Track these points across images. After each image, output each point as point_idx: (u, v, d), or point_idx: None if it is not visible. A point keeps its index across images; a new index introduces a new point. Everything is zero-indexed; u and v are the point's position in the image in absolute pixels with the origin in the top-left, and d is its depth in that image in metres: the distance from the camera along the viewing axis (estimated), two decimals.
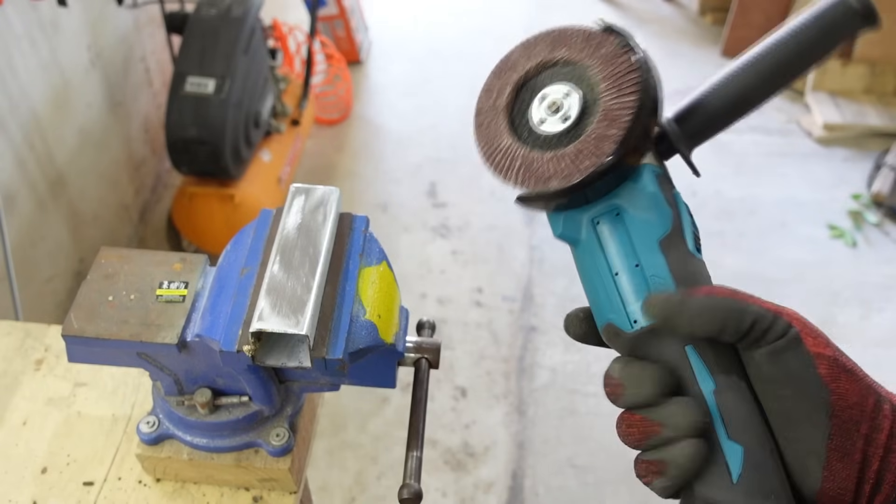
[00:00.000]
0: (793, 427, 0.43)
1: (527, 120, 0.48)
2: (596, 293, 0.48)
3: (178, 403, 0.66)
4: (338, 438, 1.99)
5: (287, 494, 0.69)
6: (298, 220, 0.62)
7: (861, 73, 3.08)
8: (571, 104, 0.46)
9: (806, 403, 0.42)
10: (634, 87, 0.44)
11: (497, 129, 0.48)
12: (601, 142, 0.44)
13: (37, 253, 1.90)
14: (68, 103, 2.01)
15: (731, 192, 2.77)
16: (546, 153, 0.46)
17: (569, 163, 0.45)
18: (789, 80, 0.47)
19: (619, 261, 0.47)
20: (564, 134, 0.46)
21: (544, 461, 1.96)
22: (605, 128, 0.44)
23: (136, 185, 2.47)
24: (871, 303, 2.39)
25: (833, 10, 0.45)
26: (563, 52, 0.47)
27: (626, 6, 3.86)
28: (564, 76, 0.47)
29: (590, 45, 0.47)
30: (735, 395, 0.44)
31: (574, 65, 0.47)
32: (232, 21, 2.11)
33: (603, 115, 0.44)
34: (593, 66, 0.46)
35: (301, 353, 0.57)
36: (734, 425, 0.43)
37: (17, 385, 0.79)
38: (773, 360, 0.43)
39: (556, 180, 0.45)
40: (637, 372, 0.45)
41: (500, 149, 0.48)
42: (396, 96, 3.25)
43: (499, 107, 0.49)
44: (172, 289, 0.63)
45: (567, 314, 0.51)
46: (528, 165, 0.46)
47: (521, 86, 0.49)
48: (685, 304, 0.43)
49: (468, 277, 2.44)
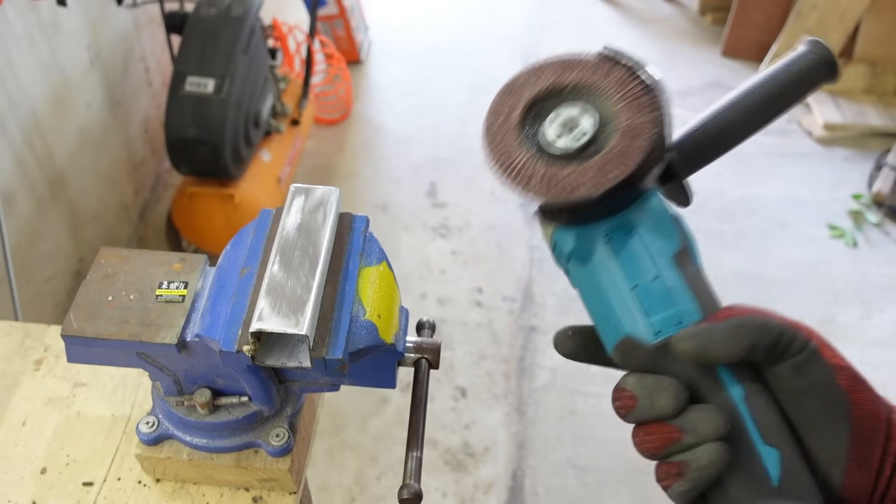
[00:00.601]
0: (817, 436, 0.44)
1: (540, 138, 0.48)
2: (610, 309, 0.48)
3: (177, 403, 0.66)
4: (338, 438, 1.99)
5: (287, 495, 0.69)
6: (298, 220, 0.62)
7: (861, 73, 3.08)
8: (586, 123, 0.47)
9: (828, 413, 0.44)
10: (653, 106, 0.46)
11: (511, 144, 0.49)
12: (625, 154, 0.45)
13: (36, 253, 1.90)
14: (68, 103, 2.01)
15: (731, 192, 2.76)
16: (566, 167, 0.47)
17: (595, 173, 0.45)
18: (770, 118, 0.50)
19: (638, 273, 0.47)
20: (580, 150, 0.47)
21: (544, 461, 1.96)
22: (630, 141, 0.45)
23: (136, 184, 2.47)
24: (871, 303, 2.39)
25: (803, 59, 0.50)
26: (573, 75, 0.48)
27: (627, 6, 3.86)
28: (576, 97, 0.48)
29: (601, 70, 0.48)
30: (766, 400, 0.45)
31: (586, 87, 0.48)
32: (232, 21, 2.10)
33: (624, 131, 0.46)
34: (607, 89, 0.47)
35: (301, 353, 0.57)
36: (768, 429, 0.44)
37: (16, 385, 0.79)
38: (797, 373, 0.44)
39: (584, 189, 0.45)
40: (653, 384, 0.44)
41: (519, 162, 0.48)
42: (396, 96, 3.25)
43: (511, 124, 0.49)
44: (172, 289, 0.63)
45: (555, 333, 0.52)
46: (551, 177, 0.47)
47: (531, 105, 0.49)
48: (714, 333, 0.43)
49: (468, 277, 2.44)
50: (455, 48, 3.55)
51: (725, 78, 3.33)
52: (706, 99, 3.19)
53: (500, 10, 3.84)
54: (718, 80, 3.32)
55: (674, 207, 0.50)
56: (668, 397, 0.43)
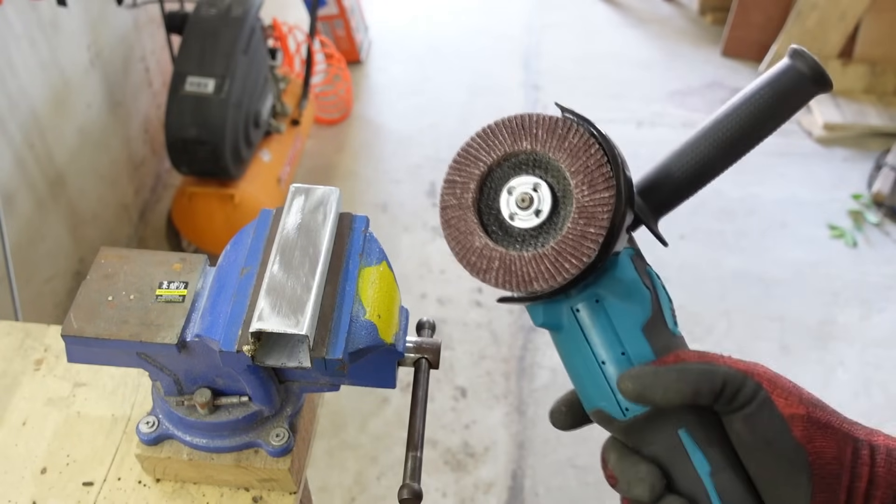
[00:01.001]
0: (776, 490, 0.44)
1: (497, 214, 0.46)
2: (582, 381, 0.48)
3: (177, 403, 0.66)
4: (338, 438, 1.99)
5: (287, 495, 0.69)
6: (298, 220, 0.62)
7: (861, 73, 3.08)
8: (543, 197, 0.45)
9: (784, 467, 0.43)
10: (608, 181, 0.43)
11: (467, 227, 0.46)
12: (581, 241, 0.43)
13: (36, 253, 1.90)
14: (68, 103, 2.01)
15: (731, 191, 2.76)
16: (523, 251, 0.45)
17: (550, 265, 0.43)
18: (747, 149, 0.47)
19: (604, 350, 0.46)
20: (539, 228, 0.45)
21: (544, 461, 1.96)
22: (584, 226, 0.43)
23: (136, 184, 2.47)
24: (871, 303, 2.39)
25: (784, 76, 0.46)
26: (526, 144, 0.45)
27: (626, 6, 3.86)
28: (530, 167, 0.45)
29: (554, 136, 0.44)
30: (730, 475, 0.44)
31: (539, 156, 0.45)
32: (232, 21, 2.10)
33: (579, 212, 0.43)
34: (561, 159, 0.44)
35: (301, 353, 0.57)
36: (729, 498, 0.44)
37: (16, 385, 0.79)
38: (749, 427, 0.43)
39: (539, 283, 0.44)
40: (631, 471, 0.45)
41: (474, 249, 0.46)
42: (396, 96, 3.25)
43: (465, 203, 0.47)
44: (172, 289, 0.63)
45: (550, 410, 0.52)
46: (507, 267, 0.45)
47: (485, 178, 0.47)
48: (658, 376, 0.44)
49: (468, 277, 2.44)
50: (455, 48, 3.55)
51: (725, 78, 3.33)
52: (706, 99, 3.20)
53: (500, 10, 3.84)
54: (718, 80, 3.32)
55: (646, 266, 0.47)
56: (643, 489, 0.44)
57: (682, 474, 0.45)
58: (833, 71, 3.08)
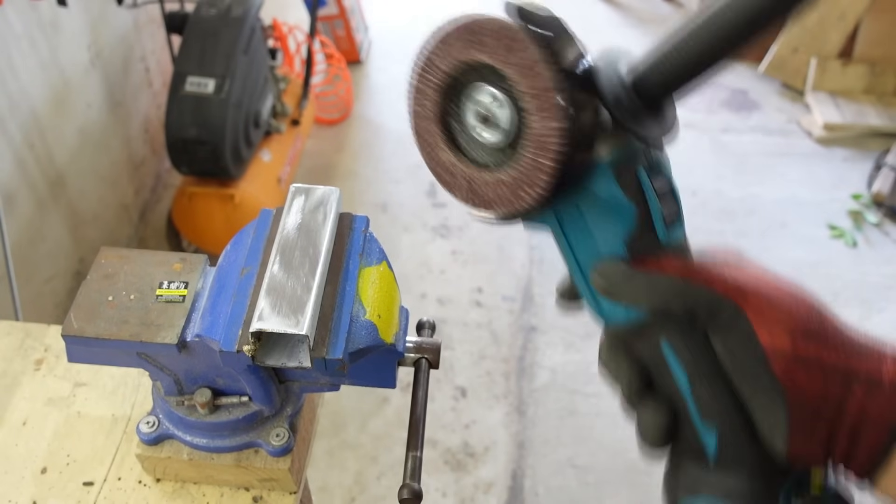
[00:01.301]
0: (755, 414, 0.43)
1: (463, 124, 0.44)
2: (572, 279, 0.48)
3: (177, 403, 0.66)
4: (338, 438, 1.99)
5: (287, 494, 0.69)
6: (298, 220, 0.62)
7: (861, 73, 3.08)
8: (501, 115, 0.41)
9: (761, 399, 0.42)
10: (559, 109, 0.38)
11: (435, 139, 0.45)
12: (534, 171, 0.40)
13: (36, 253, 1.90)
14: (68, 103, 2.01)
15: (731, 192, 2.77)
16: (484, 173, 0.43)
17: (508, 191, 0.41)
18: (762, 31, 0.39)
19: (587, 258, 0.45)
20: (502, 145, 0.42)
21: (544, 461, 1.96)
22: (536, 155, 0.40)
23: (136, 185, 2.47)
24: (871, 303, 2.39)
25: None
26: (478, 53, 0.41)
27: (626, 6, 3.86)
28: (489, 79, 0.42)
29: (503, 46, 0.40)
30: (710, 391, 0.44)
31: (496, 70, 0.41)
32: (232, 21, 2.11)
33: (531, 139, 0.40)
34: (512, 76, 0.40)
35: (301, 353, 0.57)
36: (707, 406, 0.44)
37: (16, 385, 0.79)
38: (725, 350, 0.43)
39: (499, 207, 0.42)
40: (613, 369, 0.47)
41: (442, 164, 0.44)
42: (396, 96, 3.25)
43: (429, 113, 0.44)
44: (172, 289, 0.63)
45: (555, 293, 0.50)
46: (471, 186, 0.43)
47: (447, 87, 0.44)
48: (628, 277, 0.43)
49: (468, 277, 2.44)
50: None
51: (725, 78, 3.33)
52: (706, 99, 3.20)
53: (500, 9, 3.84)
54: (718, 80, 3.32)
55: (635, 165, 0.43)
56: (621, 388, 0.47)
57: (664, 382, 0.45)
58: (833, 71, 3.08)
